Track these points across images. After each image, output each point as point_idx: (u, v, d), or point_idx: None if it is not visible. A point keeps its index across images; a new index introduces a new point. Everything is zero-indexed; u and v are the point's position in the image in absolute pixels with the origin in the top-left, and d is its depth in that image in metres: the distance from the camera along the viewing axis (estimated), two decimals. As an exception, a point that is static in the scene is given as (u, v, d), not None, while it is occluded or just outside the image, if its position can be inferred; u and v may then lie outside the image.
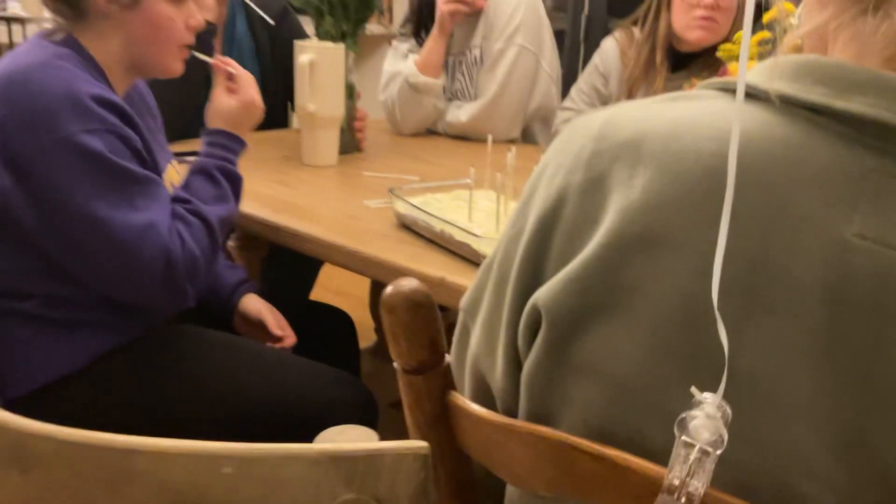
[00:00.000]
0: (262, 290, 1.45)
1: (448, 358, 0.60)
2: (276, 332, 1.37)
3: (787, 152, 0.49)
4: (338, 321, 1.61)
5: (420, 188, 1.40)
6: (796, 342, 0.47)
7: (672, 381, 0.49)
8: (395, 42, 2.16)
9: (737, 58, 1.23)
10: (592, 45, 2.95)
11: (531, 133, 2.14)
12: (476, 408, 0.57)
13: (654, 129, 0.53)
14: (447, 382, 0.60)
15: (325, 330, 1.55)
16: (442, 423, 0.59)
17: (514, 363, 0.59)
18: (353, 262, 1.25)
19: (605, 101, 1.94)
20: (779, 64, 0.53)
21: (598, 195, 0.54)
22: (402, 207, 1.31)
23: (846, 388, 0.47)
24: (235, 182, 1.24)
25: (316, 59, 1.63)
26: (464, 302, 0.66)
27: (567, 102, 2.00)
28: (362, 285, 2.11)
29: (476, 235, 1.16)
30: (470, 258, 1.18)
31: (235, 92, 1.29)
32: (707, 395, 0.42)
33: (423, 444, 0.49)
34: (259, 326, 1.38)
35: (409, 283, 0.56)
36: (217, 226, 1.18)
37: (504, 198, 1.27)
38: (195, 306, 1.34)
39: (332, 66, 1.66)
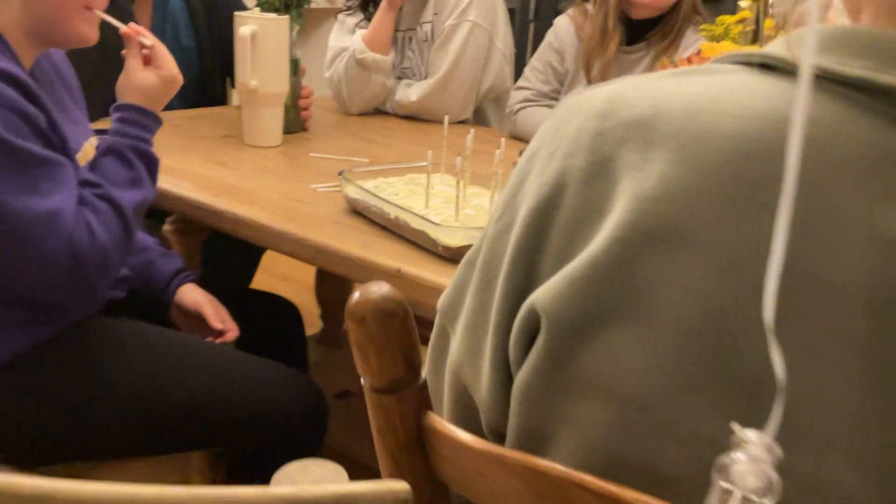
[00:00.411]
0: (201, 277, 1.35)
1: (424, 373, 0.52)
2: (217, 325, 1.27)
3: (822, 135, 0.43)
4: (283, 311, 1.52)
5: (372, 171, 1.31)
6: (837, 359, 0.41)
7: (694, 399, 0.43)
8: (341, 16, 2.05)
9: (717, 37, 1.17)
10: (542, 25, 2.88)
11: (483, 114, 2.06)
12: (457, 432, 0.50)
13: (669, 106, 0.47)
14: (423, 403, 0.52)
15: (269, 321, 1.45)
16: (417, 449, 0.51)
17: (504, 373, 0.51)
18: (301, 250, 1.16)
19: (560, 78, 1.88)
20: (806, 36, 0.46)
21: (604, 182, 0.47)
22: (353, 192, 1.22)
23: None
24: (152, 164, 1.12)
25: (258, 31, 1.52)
26: (442, 303, 0.59)
27: (521, 82, 1.93)
28: (308, 270, 2.02)
29: (434, 223, 1.09)
30: (427, 247, 1.10)
31: (150, 64, 1.17)
32: (752, 435, 0.35)
33: (403, 485, 0.41)
34: (198, 319, 1.28)
35: (379, 289, 0.48)
36: (131, 213, 1.06)
37: (463, 182, 1.19)
38: (126, 297, 1.23)
39: (275, 39, 1.56)
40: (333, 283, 2.18)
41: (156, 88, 1.15)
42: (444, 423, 0.51)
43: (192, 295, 1.29)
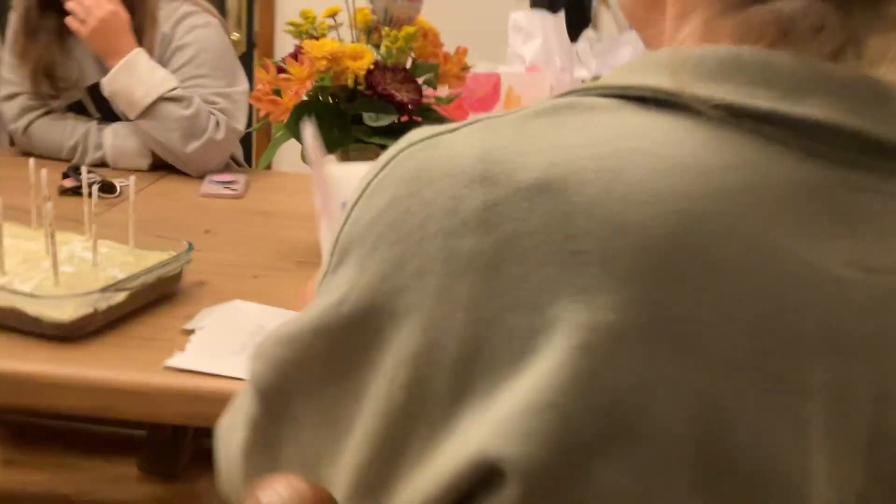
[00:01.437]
0: None
1: None
2: None
3: (748, 180, 0.38)
4: None
5: None
6: (809, 421, 0.38)
7: None
8: None
9: (307, 33, 1.07)
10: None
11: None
12: None
13: (574, 162, 0.38)
14: None
15: None
16: None
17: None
18: None
19: None
20: (689, 59, 0.40)
21: (519, 268, 0.37)
22: None
23: (852, 471, 0.39)
24: None
25: None
26: (262, 380, 0.46)
27: (7, 88, 1.60)
28: None
29: (26, 294, 0.82)
30: (23, 328, 0.83)
31: None
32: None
33: None
34: None
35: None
36: None
37: (48, 230, 0.91)
38: None
39: None
40: None
41: None
42: None
43: None
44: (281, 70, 1.03)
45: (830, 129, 0.38)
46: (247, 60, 2.52)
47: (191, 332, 0.87)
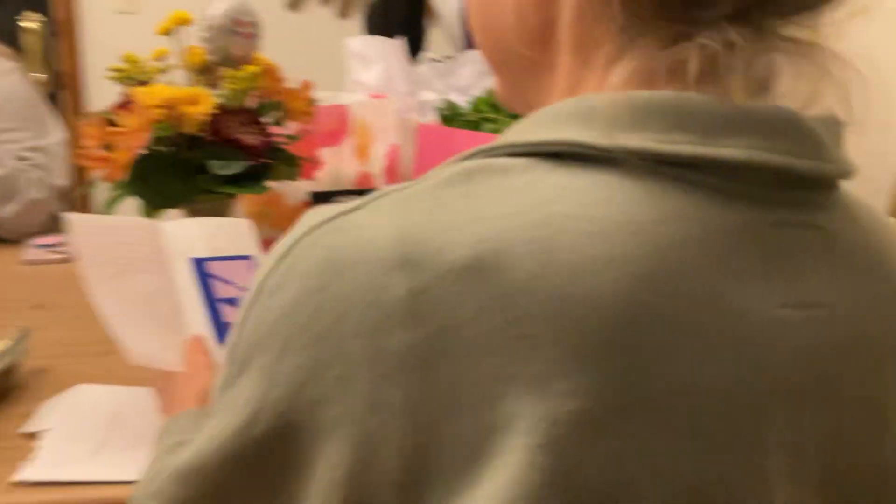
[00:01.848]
0: None
1: None
2: None
3: (681, 232, 0.36)
4: None
5: None
6: (771, 476, 0.37)
7: None
8: None
9: (137, 80, 0.96)
10: None
11: None
12: None
13: (503, 235, 0.34)
14: None
15: None
16: None
17: None
18: None
19: None
20: (599, 108, 0.37)
21: (458, 362, 0.33)
22: None
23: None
24: None
25: None
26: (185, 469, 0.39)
27: None
28: None
29: None
30: None
31: None
32: None
33: None
34: None
35: None
36: None
37: None
38: None
39: None
40: None
41: None
42: None
43: None
44: (109, 122, 0.92)
45: (752, 168, 0.37)
46: (55, 104, 2.33)
47: (33, 435, 0.75)
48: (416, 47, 1.61)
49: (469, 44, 1.53)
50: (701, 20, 0.37)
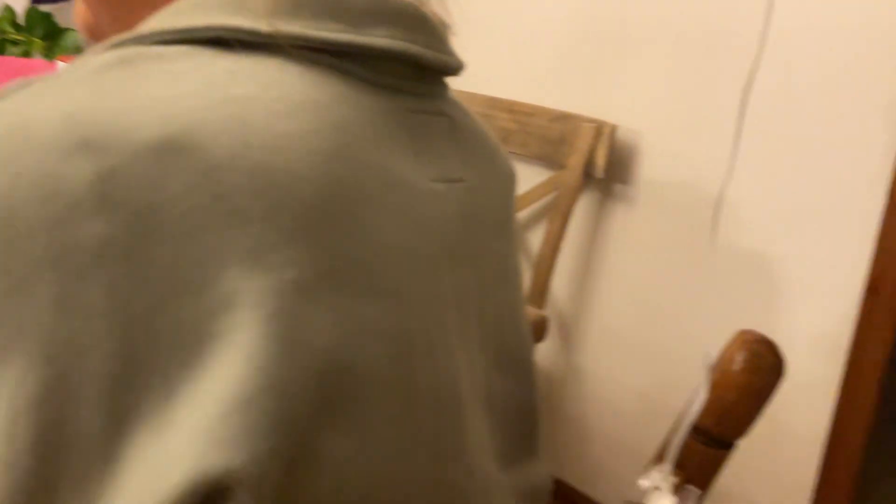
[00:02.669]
0: None
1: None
2: None
3: (352, 112, 0.38)
4: None
5: None
6: (452, 331, 0.41)
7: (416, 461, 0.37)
8: None
9: None
10: None
11: None
12: None
13: (192, 114, 0.32)
14: None
15: None
16: None
17: None
18: None
19: None
20: None
21: (166, 246, 0.30)
22: None
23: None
24: None
25: None
26: None
27: None
28: None
29: None
30: None
31: None
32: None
33: None
34: None
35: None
36: None
37: None
38: None
39: None
40: None
41: None
42: None
43: None
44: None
45: (394, 58, 0.40)
46: None
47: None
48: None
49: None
50: None
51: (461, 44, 1.82)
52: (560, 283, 1.80)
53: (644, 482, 0.43)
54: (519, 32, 1.82)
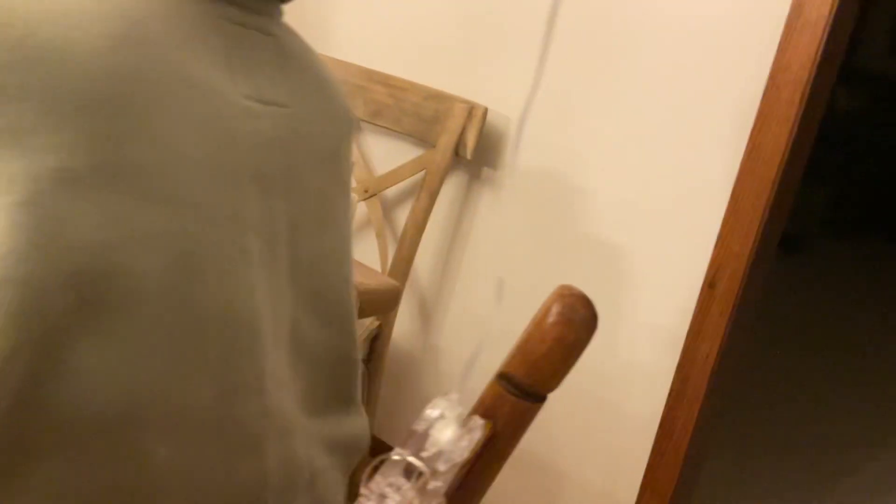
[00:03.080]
0: None
1: None
2: None
3: (160, 7, 0.36)
4: None
5: None
6: (252, 254, 0.40)
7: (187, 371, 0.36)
8: None
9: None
10: None
11: None
12: None
13: (34, 17, 0.31)
14: None
15: None
16: None
17: None
18: None
19: None
20: None
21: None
22: None
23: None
24: None
25: None
26: None
27: None
28: None
29: None
30: None
31: None
32: None
33: None
34: None
35: None
36: None
37: None
38: None
39: None
40: None
41: None
42: None
43: None
44: None
45: None
46: None
47: None
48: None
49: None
50: None
51: (340, 11, 1.80)
52: (423, 262, 1.81)
53: (430, 411, 0.42)
54: (399, 5, 1.81)
